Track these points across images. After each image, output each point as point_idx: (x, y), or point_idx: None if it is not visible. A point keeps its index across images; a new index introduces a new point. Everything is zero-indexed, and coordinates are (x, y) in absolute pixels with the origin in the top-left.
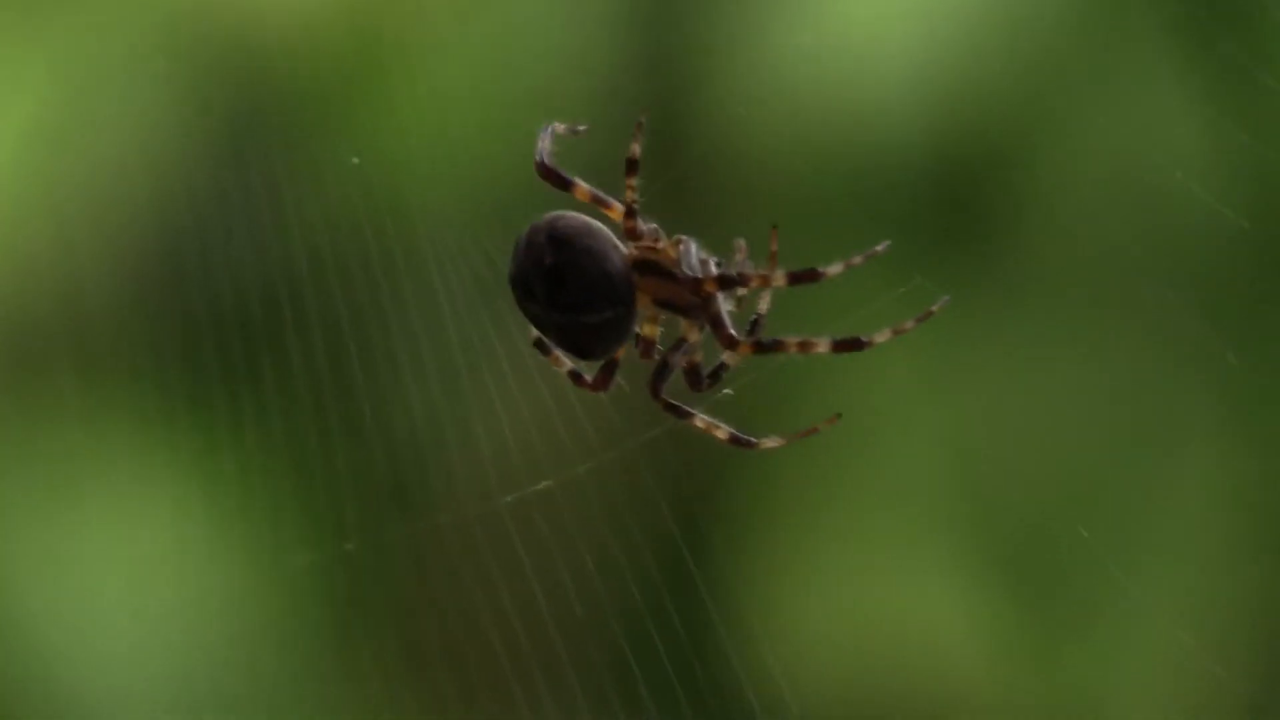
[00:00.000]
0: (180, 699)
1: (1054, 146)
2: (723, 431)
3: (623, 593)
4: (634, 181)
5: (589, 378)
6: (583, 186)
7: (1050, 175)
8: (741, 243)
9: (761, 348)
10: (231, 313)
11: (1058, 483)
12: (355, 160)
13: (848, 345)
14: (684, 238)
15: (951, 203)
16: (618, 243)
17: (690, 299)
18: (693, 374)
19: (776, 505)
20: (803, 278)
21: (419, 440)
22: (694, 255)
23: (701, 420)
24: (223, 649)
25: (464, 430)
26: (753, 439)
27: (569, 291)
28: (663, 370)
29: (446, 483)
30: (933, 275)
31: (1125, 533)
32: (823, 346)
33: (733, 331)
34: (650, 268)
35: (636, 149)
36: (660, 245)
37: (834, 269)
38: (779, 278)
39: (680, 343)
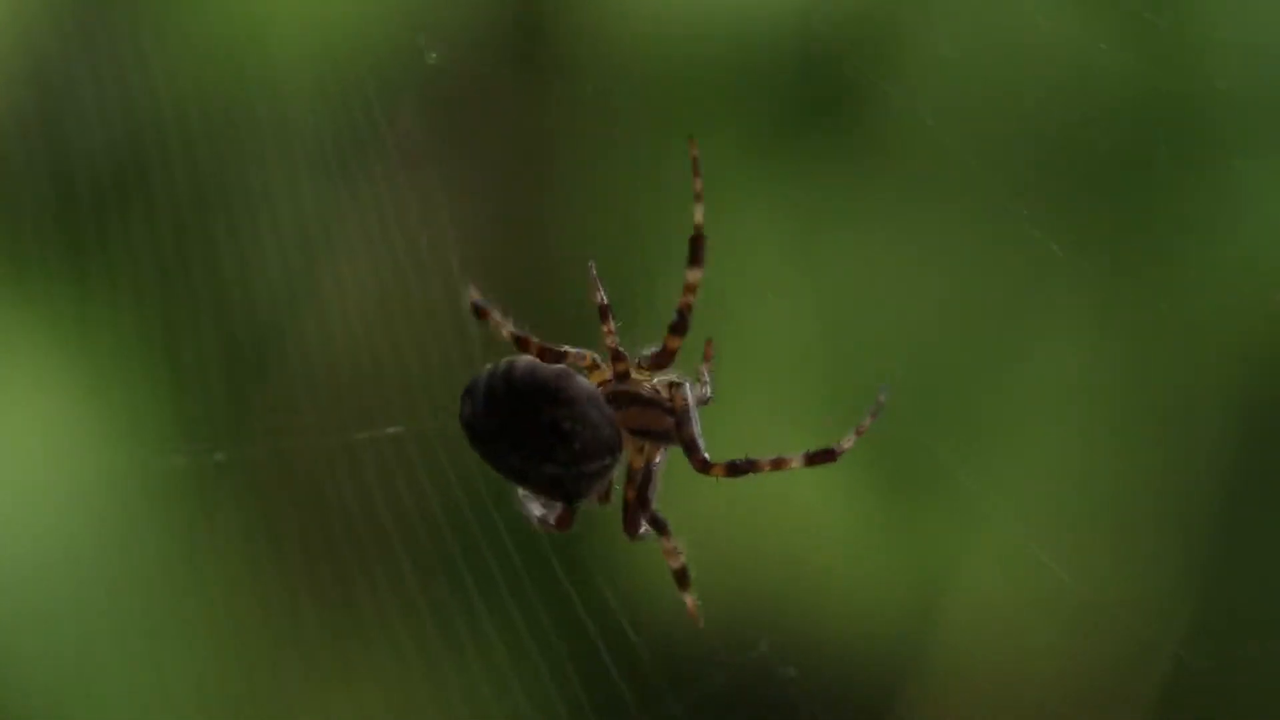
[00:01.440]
0: (52, 584)
1: (920, 25)
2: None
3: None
4: (611, 326)
5: (552, 519)
6: (534, 342)
7: (917, 55)
8: (709, 350)
9: (735, 470)
10: (85, 187)
11: (921, 358)
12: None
13: (820, 458)
14: (681, 381)
15: (819, 82)
16: (593, 387)
17: (666, 422)
18: (638, 509)
19: None
20: (819, 456)
21: (274, 310)
22: (691, 400)
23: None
24: (89, 536)
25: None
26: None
27: (567, 447)
28: (631, 509)
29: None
30: (800, 153)
31: (984, 409)
32: (796, 463)
33: (706, 455)
34: (624, 399)
35: (602, 296)
36: (637, 376)
37: (848, 442)
38: (798, 460)
39: (644, 472)
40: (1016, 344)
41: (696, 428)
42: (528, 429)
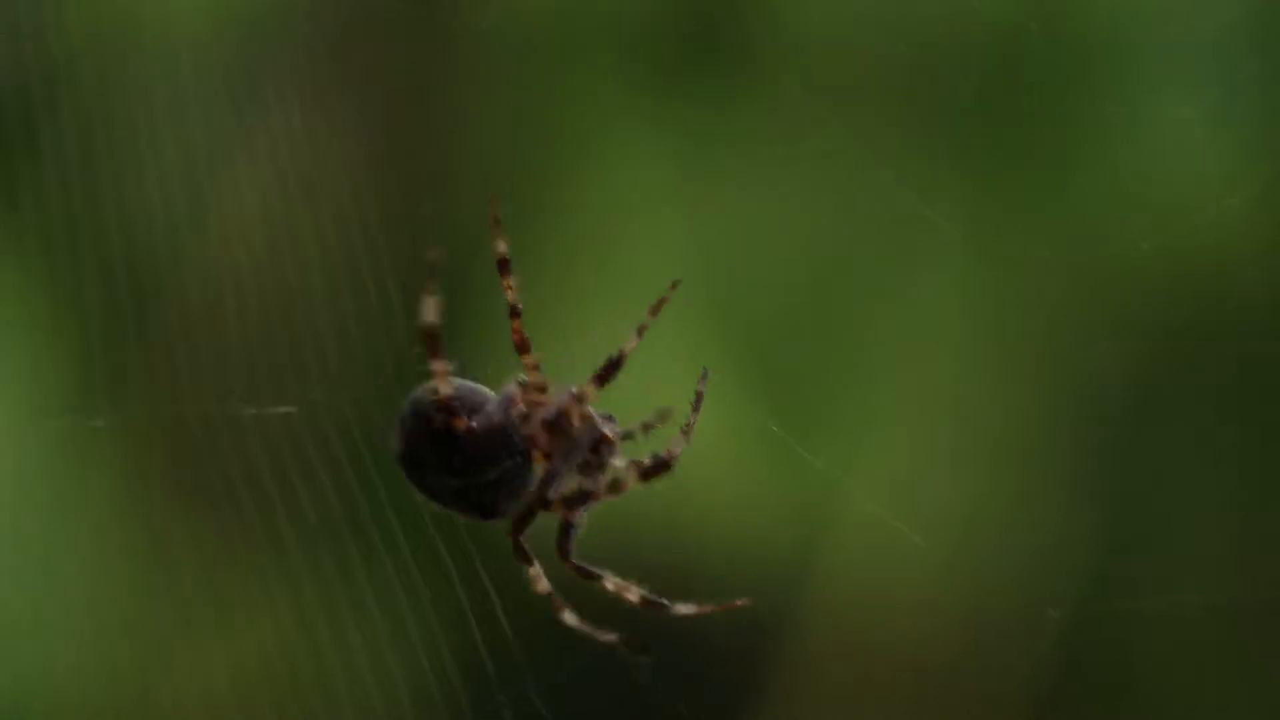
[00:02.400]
0: None
1: None
2: (634, 594)
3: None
4: (512, 281)
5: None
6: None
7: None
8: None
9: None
10: None
11: (800, 283)
12: None
13: (656, 469)
14: (597, 415)
15: (702, 18)
16: (501, 398)
17: (580, 453)
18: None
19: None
20: (657, 469)
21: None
22: (593, 431)
23: (612, 582)
24: None
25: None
26: (665, 603)
27: (462, 453)
28: (567, 531)
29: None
30: (682, 92)
31: (863, 334)
32: (632, 480)
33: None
34: (541, 419)
35: (503, 247)
36: (557, 399)
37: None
38: (633, 477)
39: (579, 497)
40: (897, 280)
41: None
42: (424, 442)
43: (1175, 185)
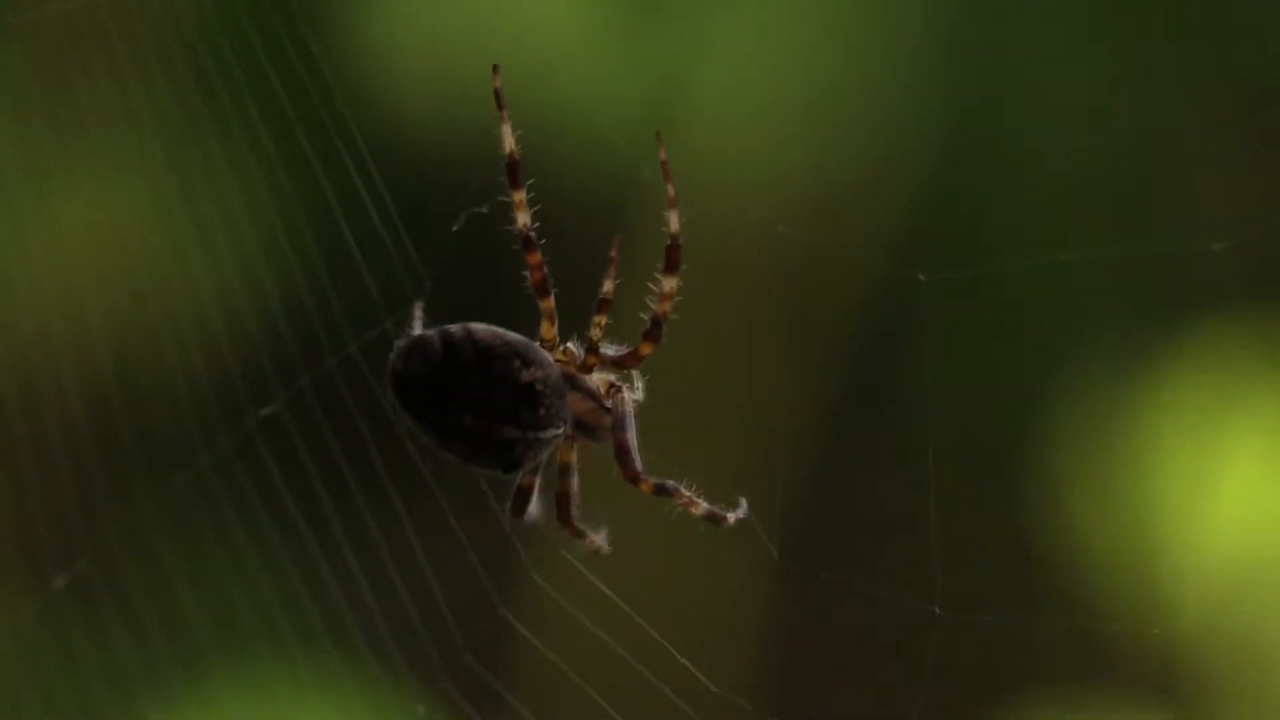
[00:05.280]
0: None
1: None
2: (699, 509)
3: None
4: (604, 320)
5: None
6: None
7: None
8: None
9: (662, 490)
10: None
11: None
12: None
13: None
14: (621, 384)
15: None
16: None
17: (602, 419)
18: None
19: None
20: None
21: None
22: (629, 406)
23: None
24: None
25: None
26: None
27: (532, 410)
28: (564, 502)
29: None
30: None
31: None
32: (700, 511)
33: (639, 468)
34: (571, 384)
35: (610, 286)
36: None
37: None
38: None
39: (567, 469)
40: None
41: (633, 436)
42: (497, 389)
43: None
